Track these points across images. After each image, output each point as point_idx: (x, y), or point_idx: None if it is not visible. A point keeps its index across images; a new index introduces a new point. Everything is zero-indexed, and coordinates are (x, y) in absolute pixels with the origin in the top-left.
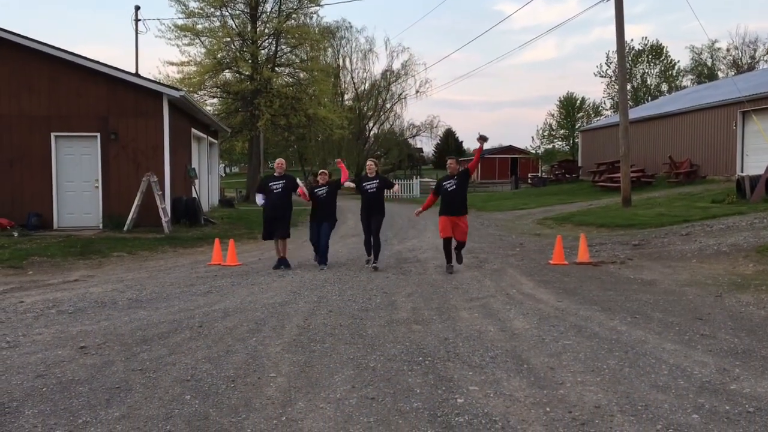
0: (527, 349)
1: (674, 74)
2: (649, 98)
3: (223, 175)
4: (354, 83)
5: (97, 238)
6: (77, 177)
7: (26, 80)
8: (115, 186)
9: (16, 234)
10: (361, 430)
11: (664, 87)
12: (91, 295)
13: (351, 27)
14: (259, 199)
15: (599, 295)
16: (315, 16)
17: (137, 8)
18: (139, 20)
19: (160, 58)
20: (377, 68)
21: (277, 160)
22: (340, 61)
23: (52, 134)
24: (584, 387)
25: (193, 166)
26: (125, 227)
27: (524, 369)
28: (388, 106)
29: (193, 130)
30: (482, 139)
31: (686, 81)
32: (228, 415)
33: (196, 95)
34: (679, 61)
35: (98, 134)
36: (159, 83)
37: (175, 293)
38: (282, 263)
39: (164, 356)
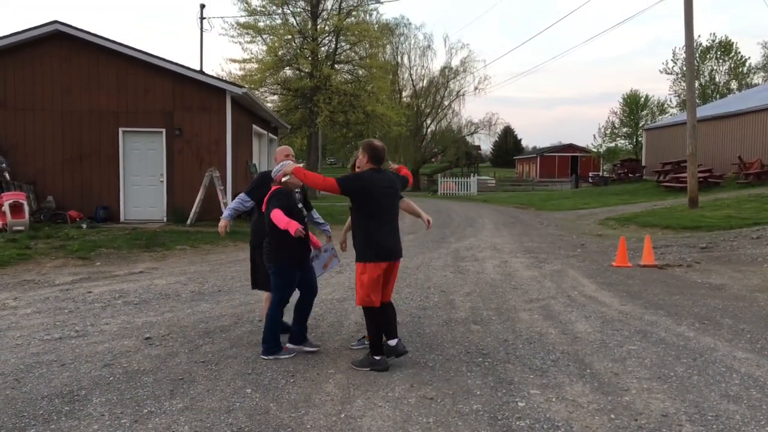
0: (590, 353)
1: (745, 71)
2: (718, 96)
3: None
4: (412, 80)
5: (162, 231)
6: (143, 171)
7: (96, 77)
8: (179, 180)
9: (84, 226)
10: (420, 430)
11: (734, 84)
12: (155, 287)
13: (410, 24)
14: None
15: (665, 299)
16: (374, 13)
17: (202, 6)
18: (204, 18)
19: (222, 56)
20: (435, 65)
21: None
22: (399, 58)
23: (120, 129)
24: (650, 394)
25: (254, 162)
26: (188, 221)
27: (587, 374)
28: (446, 103)
29: (254, 126)
30: None
31: (758, 78)
32: (288, 410)
33: (257, 92)
34: (749, 58)
35: (164, 129)
36: (222, 80)
37: (236, 287)
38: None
39: (226, 349)
